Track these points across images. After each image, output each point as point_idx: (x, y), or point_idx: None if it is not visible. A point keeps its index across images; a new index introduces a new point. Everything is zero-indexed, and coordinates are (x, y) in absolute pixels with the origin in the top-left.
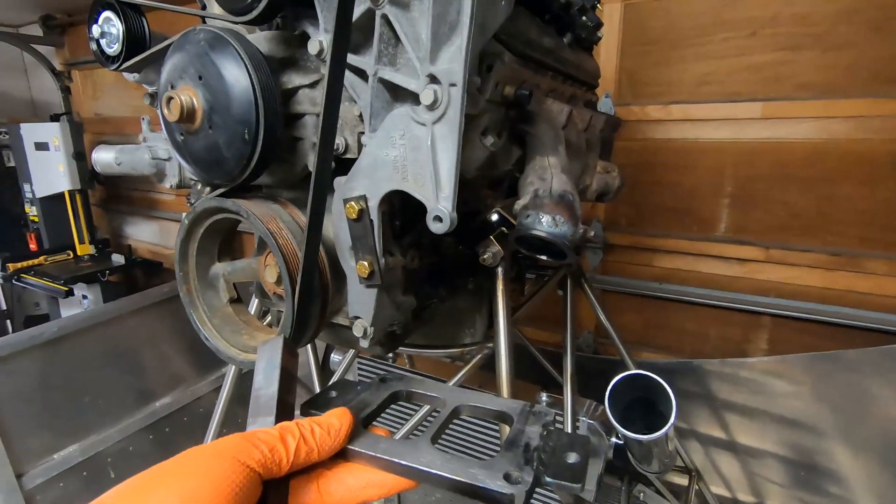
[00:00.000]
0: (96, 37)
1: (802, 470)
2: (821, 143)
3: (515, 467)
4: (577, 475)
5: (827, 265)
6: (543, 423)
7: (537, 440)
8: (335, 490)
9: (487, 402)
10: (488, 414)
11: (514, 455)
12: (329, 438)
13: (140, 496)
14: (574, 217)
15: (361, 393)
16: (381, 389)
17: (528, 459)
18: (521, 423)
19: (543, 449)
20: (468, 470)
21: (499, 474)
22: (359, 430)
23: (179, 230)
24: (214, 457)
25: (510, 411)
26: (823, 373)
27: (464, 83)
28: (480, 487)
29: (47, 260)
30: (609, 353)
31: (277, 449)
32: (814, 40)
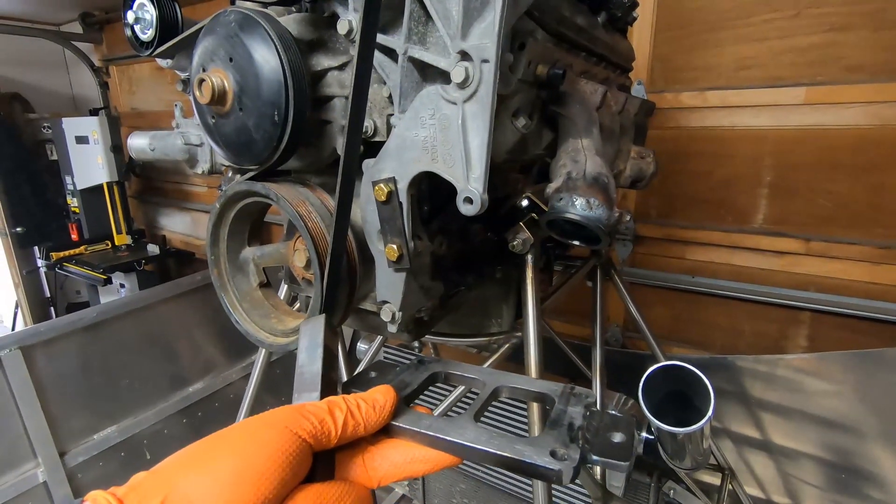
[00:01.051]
0: (131, 23)
1: (843, 472)
2: (871, 129)
3: (561, 445)
4: (624, 453)
5: (874, 258)
6: (585, 404)
7: (581, 420)
8: (380, 465)
9: (526, 383)
10: (529, 395)
11: (559, 433)
12: (374, 414)
13: (198, 463)
14: (609, 200)
15: (401, 374)
16: (420, 370)
17: (573, 438)
18: (563, 404)
19: (587, 428)
20: (514, 446)
21: (545, 451)
22: (401, 408)
23: (211, 214)
24: (268, 426)
25: (551, 392)
26: (866, 372)
27: (496, 59)
28: (528, 463)
29: (87, 250)
30: (637, 347)
31: (326, 421)
32: (864, 19)
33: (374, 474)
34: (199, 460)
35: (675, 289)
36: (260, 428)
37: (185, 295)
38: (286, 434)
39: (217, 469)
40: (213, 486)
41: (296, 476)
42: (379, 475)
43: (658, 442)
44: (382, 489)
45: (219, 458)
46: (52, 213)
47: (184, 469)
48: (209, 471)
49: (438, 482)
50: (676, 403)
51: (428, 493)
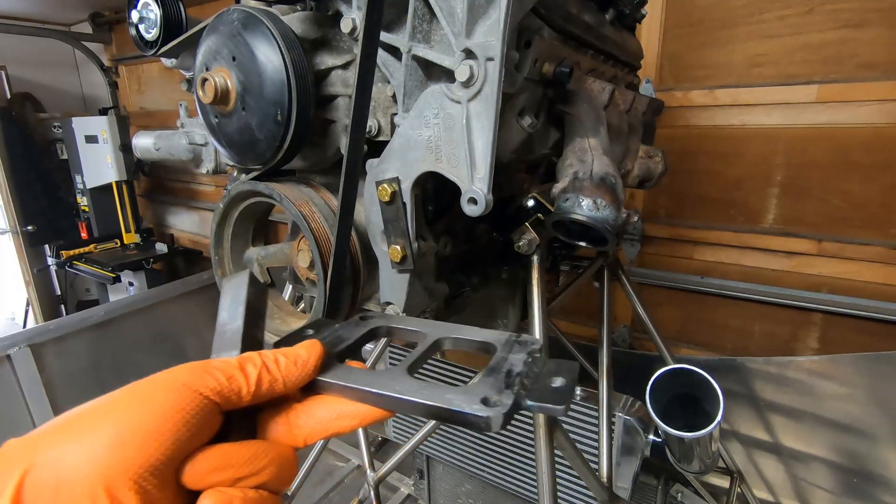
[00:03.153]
0: (135, 22)
1: (854, 476)
2: (886, 127)
3: (495, 392)
4: (560, 398)
5: (888, 259)
6: (529, 351)
7: (521, 366)
8: (305, 422)
9: (470, 333)
10: (472, 346)
11: (496, 380)
12: (296, 369)
13: (75, 427)
14: (616, 200)
15: (338, 330)
16: (360, 326)
17: (509, 384)
18: (505, 352)
19: (527, 375)
20: (444, 395)
21: (476, 398)
22: (332, 363)
23: (215, 214)
24: (161, 385)
25: (494, 341)
26: (880, 374)
27: (501, 57)
28: (455, 411)
29: (96, 248)
30: (645, 348)
31: (236, 377)
32: (879, 16)
33: (298, 432)
34: (77, 423)
35: (684, 289)
36: (151, 387)
37: (192, 293)
38: (183, 392)
39: (95, 432)
40: (88, 450)
41: (196, 436)
42: (304, 433)
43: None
44: (387, 489)
45: (100, 420)
46: (62, 212)
47: (57, 433)
48: (86, 434)
49: (444, 482)
50: (685, 406)
51: (433, 492)
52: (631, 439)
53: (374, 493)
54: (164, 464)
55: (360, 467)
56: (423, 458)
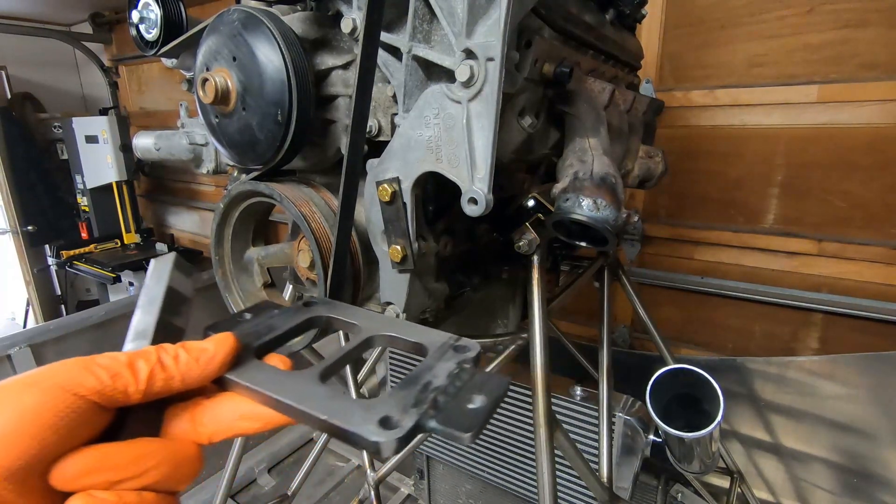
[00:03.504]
0: (136, 22)
1: (855, 477)
2: (886, 128)
3: (400, 409)
4: (471, 422)
5: (888, 259)
6: (460, 361)
7: (443, 379)
8: (209, 421)
9: (408, 332)
10: (406, 346)
11: (408, 394)
12: (197, 366)
13: None
14: (616, 200)
15: (272, 318)
16: (299, 314)
17: (420, 401)
18: (435, 358)
19: (445, 390)
20: (345, 410)
21: (376, 417)
22: (247, 359)
23: (215, 214)
24: (28, 386)
25: (429, 344)
26: (881, 375)
27: (502, 57)
28: (346, 431)
29: (97, 248)
30: (645, 348)
31: (122, 375)
32: (880, 16)
33: (203, 430)
34: None
35: (685, 289)
36: (18, 387)
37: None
38: (52, 392)
39: None
40: None
41: (66, 438)
42: (209, 431)
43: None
44: (387, 489)
45: None
46: (62, 212)
47: None
48: None
49: (444, 482)
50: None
51: (433, 493)
52: (631, 439)
53: (374, 493)
54: (24, 469)
55: (361, 467)
56: (423, 458)
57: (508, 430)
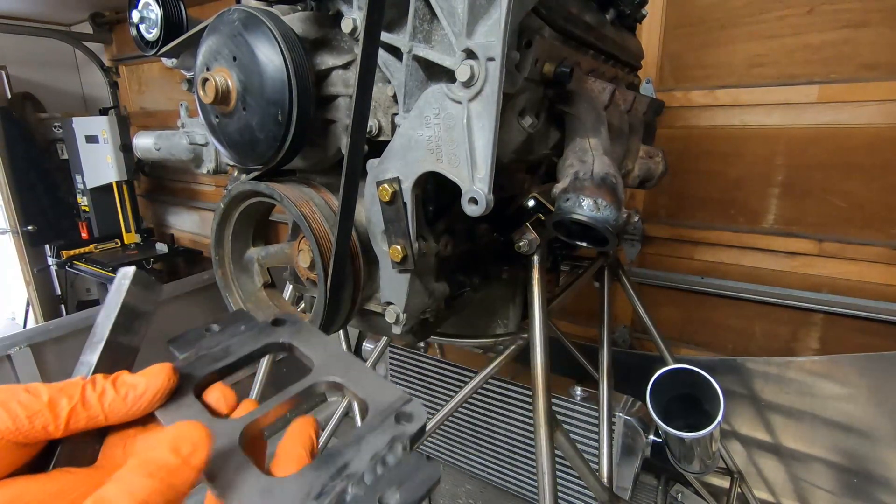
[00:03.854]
0: (136, 22)
1: (855, 477)
2: (887, 128)
3: (299, 499)
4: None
5: (889, 260)
6: (394, 436)
7: (364, 462)
8: (139, 451)
9: (358, 383)
10: (352, 397)
11: (318, 478)
12: (123, 405)
13: None
14: (617, 201)
15: (235, 338)
16: (262, 336)
17: (326, 491)
18: (370, 427)
19: (361, 478)
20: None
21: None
22: (186, 392)
23: (215, 214)
24: None
25: (373, 403)
26: (881, 375)
27: (502, 57)
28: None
29: (97, 248)
30: (645, 348)
31: (40, 414)
32: (880, 16)
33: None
34: None
35: (685, 290)
36: None
37: (192, 293)
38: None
39: None
40: None
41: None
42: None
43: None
44: None
45: None
46: (62, 212)
47: None
48: None
49: (444, 482)
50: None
51: (434, 493)
52: (631, 439)
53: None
54: None
55: None
56: None
57: (508, 430)
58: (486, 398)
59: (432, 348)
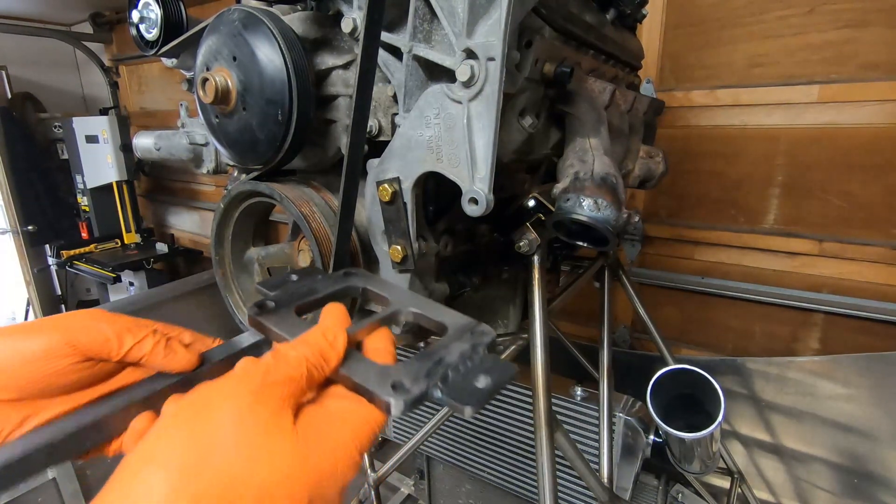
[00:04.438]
0: (136, 22)
1: (855, 477)
2: (887, 128)
3: (412, 378)
4: (474, 398)
5: (889, 260)
6: (475, 343)
7: (455, 357)
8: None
9: (435, 312)
10: (429, 323)
11: (421, 365)
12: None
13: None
14: (617, 201)
15: (318, 282)
16: (339, 282)
17: (431, 373)
18: (452, 338)
19: (456, 367)
20: (364, 371)
21: (389, 380)
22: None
23: (215, 214)
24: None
25: (451, 325)
26: (881, 375)
27: (502, 57)
28: (364, 388)
29: (97, 248)
30: (646, 348)
31: (109, 342)
32: (880, 16)
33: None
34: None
35: (685, 290)
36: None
37: (192, 293)
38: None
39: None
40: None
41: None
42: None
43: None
44: (387, 489)
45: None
46: (62, 212)
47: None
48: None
49: (444, 482)
50: (686, 406)
51: (433, 493)
52: (631, 440)
53: (375, 493)
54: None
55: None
56: (423, 458)
57: (509, 430)
58: None
59: None
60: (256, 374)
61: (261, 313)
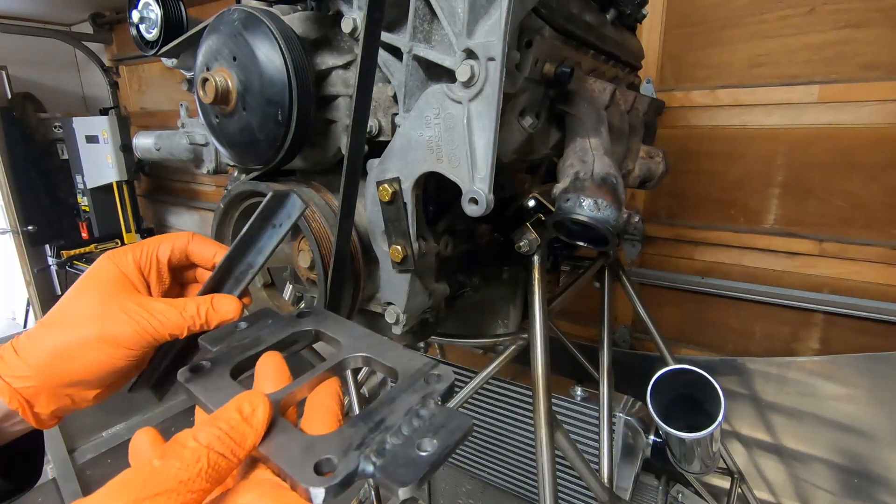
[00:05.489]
0: (136, 22)
1: (856, 477)
2: (887, 128)
3: (342, 450)
4: (412, 474)
5: (889, 260)
6: (427, 394)
7: (399, 416)
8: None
9: (385, 354)
10: (381, 368)
11: (357, 432)
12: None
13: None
14: (617, 201)
15: (265, 329)
16: (289, 326)
17: (366, 442)
18: (401, 388)
19: (398, 430)
20: (285, 446)
21: (314, 459)
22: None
23: (215, 214)
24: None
25: (402, 369)
26: (881, 375)
27: (502, 57)
28: (283, 471)
29: (97, 248)
30: (646, 348)
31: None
32: (881, 16)
33: None
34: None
35: (685, 290)
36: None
37: None
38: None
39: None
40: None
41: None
42: None
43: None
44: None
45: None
46: (62, 212)
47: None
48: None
49: (444, 482)
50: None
51: (434, 493)
52: (632, 440)
53: (375, 493)
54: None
55: None
56: None
57: (509, 430)
58: (486, 398)
59: (432, 348)
60: (133, 485)
61: (191, 378)
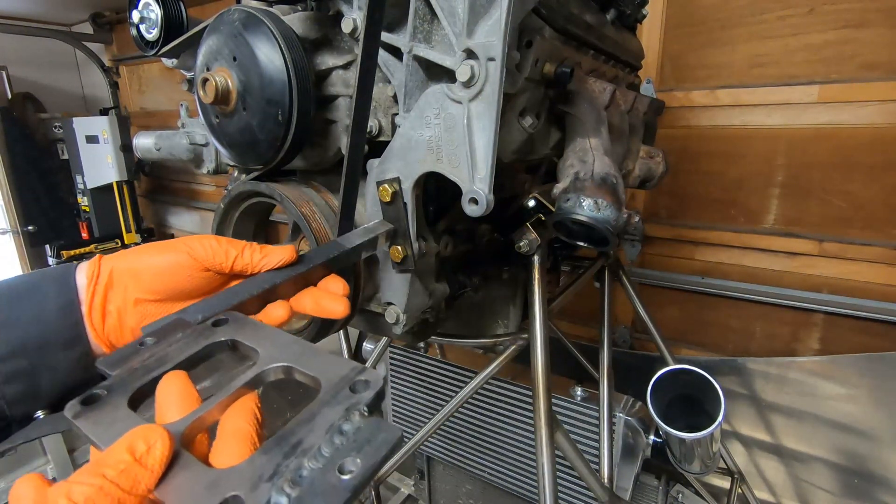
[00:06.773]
0: (136, 22)
1: (855, 477)
2: (887, 128)
3: (251, 484)
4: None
5: (889, 260)
6: (350, 405)
7: (319, 435)
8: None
9: (306, 362)
10: (304, 378)
11: (270, 459)
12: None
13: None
14: (617, 201)
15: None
16: (201, 339)
17: (279, 471)
18: (323, 401)
19: (318, 451)
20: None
21: (219, 498)
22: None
23: (216, 214)
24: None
25: (325, 378)
26: (881, 375)
27: (502, 57)
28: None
29: (97, 248)
30: (646, 348)
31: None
32: (881, 16)
33: None
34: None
35: (685, 290)
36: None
37: None
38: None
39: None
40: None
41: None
42: None
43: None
44: (387, 489)
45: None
46: (63, 212)
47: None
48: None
49: (444, 483)
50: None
51: (434, 493)
52: (632, 440)
53: (375, 493)
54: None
55: None
56: (423, 459)
57: (509, 430)
58: (486, 398)
59: (432, 348)
60: None
61: (80, 412)
